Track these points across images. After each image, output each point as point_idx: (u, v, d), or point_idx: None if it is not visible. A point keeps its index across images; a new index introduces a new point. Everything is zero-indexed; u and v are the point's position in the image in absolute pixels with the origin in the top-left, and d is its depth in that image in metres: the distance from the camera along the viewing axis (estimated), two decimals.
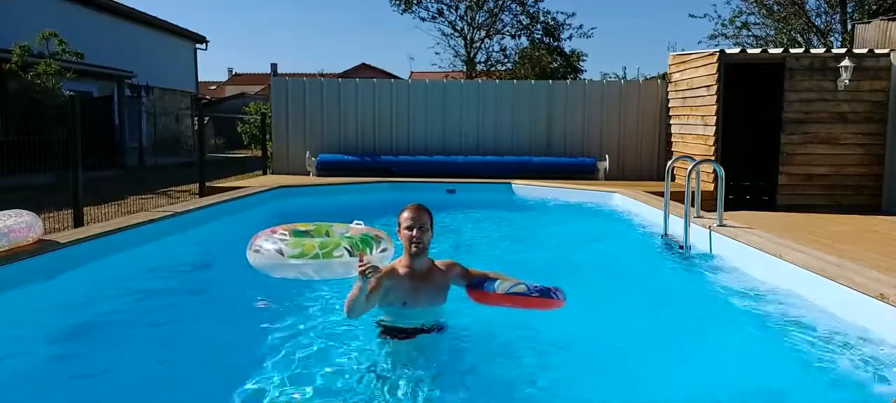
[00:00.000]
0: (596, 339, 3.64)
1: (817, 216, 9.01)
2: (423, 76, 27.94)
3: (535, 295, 3.21)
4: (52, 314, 4.00)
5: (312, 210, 8.47)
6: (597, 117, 12.19)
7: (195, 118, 21.76)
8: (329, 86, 12.44)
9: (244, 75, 44.66)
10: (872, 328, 3.52)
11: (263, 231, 4.54)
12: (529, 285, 3.23)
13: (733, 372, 3.31)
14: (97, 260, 4.91)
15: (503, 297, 3.22)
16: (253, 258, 4.36)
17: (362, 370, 3.09)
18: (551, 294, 3.23)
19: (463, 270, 3.54)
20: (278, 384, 2.98)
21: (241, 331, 3.87)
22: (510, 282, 3.24)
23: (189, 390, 3.10)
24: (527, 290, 3.19)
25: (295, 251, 4.16)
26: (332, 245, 4.20)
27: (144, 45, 21.74)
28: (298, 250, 4.17)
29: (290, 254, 4.15)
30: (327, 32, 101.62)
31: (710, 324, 4.11)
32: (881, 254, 6.15)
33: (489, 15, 25.21)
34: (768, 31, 22.77)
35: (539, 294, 3.21)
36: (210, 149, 19.62)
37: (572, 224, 8.47)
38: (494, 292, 3.23)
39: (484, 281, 3.31)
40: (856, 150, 9.68)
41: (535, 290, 3.21)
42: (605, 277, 5.24)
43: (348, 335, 3.50)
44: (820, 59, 9.66)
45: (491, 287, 3.24)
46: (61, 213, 7.82)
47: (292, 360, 3.24)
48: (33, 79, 12.60)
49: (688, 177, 6.03)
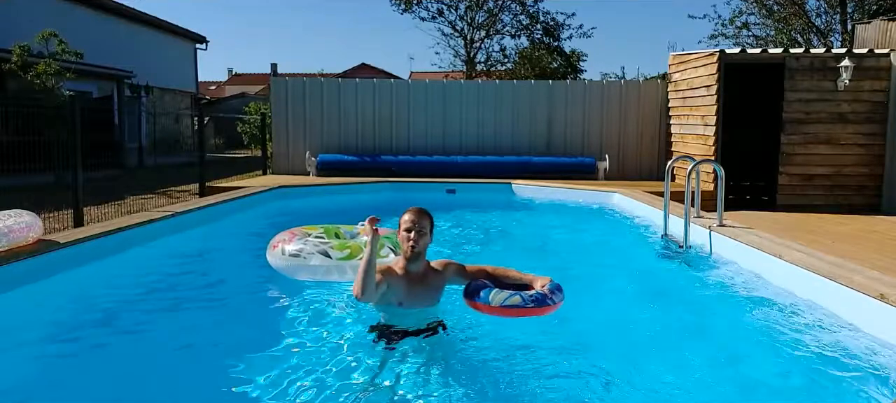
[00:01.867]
0: (595, 339, 3.64)
1: (817, 216, 9.01)
2: (423, 76, 27.96)
3: (531, 306, 3.20)
4: (52, 314, 4.00)
5: (313, 210, 8.49)
6: (597, 117, 12.19)
7: (195, 118, 21.74)
8: (329, 86, 12.45)
9: (244, 75, 44.64)
10: (872, 328, 3.52)
11: (282, 234, 4.52)
12: (525, 295, 3.21)
13: (733, 372, 3.31)
14: (97, 260, 4.91)
15: (500, 309, 3.21)
16: (288, 261, 4.30)
17: (355, 370, 3.09)
18: (547, 301, 3.22)
19: (459, 267, 3.55)
20: (273, 384, 2.97)
21: (242, 331, 3.86)
22: (505, 294, 3.23)
23: (189, 390, 3.10)
24: (522, 302, 3.18)
25: (343, 253, 4.17)
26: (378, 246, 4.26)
27: (144, 45, 21.72)
28: (346, 252, 4.18)
29: (338, 257, 4.16)
30: (327, 32, 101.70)
31: (710, 324, 4.11)
32: (881, 254, 6.15)
33: (489, 15, 25.21)
34: (768, 31, 22.77)
35: (535, 303, 3.20)
36: (210, 149, 19.60)
37: (572, 224, 8.47)
38: (489, 304, 3.22)
39: (481, 289, 3.29)
40: (856, 151, 9.68)
41: (531, 300, 3.20)
42: (605, 277, 5.24)
43: (341, 335, 3.51)
44: (820, 59, 9.67)
45: (486, 298, 3.23)
46: (61, 213, 7.81)
47: (287, 361, 3.24)
48: (33, 79, 12.59)
49: (688, 177, 6.03)
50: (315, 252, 4.24)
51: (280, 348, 3.42)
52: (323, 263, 4.23)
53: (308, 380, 3.01)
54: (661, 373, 3.26)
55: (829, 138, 9.68)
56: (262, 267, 4.81)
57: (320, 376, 3.05)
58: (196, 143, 11.39)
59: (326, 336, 3.55)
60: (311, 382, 2.99)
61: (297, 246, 4.33)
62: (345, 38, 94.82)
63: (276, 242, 4.50)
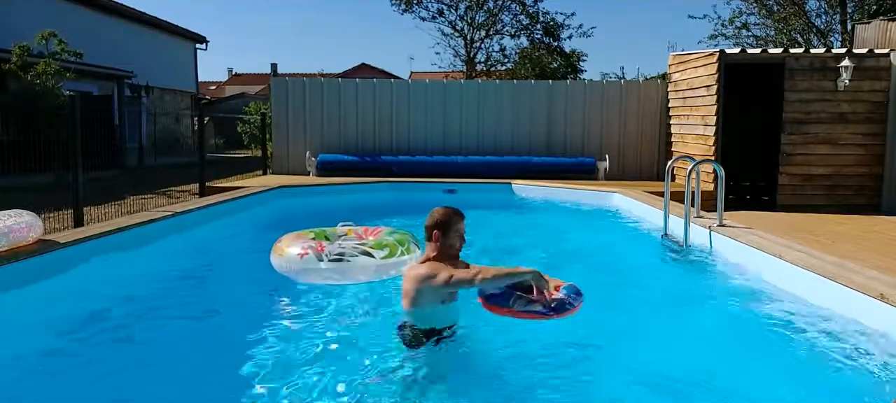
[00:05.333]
0: (595, 339, 3.64)
1: (817, 216, 9.01)
2: (423, 76, 27.98)
3: (552, 313, 3.21)
4: (52, 314, 4.00)
5: (313, 210, 8.49)
6: (597, 117, 12.19)
7: (195, 118, 21.75)
8: (329, 86, 12.44)
9: (244, 75, 44.62)
10: (872, 328, 3.52)
11: (288, 236, 4.47)
12: (546, 302, 3.22)
13: (733, 372, 3.30)
14: (97, 260, 4.91)
15: (520, 313, 3.22)
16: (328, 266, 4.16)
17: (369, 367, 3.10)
18: (566, 305, 3.23)
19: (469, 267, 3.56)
20: (274, 385, 2.97)
21: (242, 331, 3.85)
22: (525, 299, 3.23)
23: (189, 390, 3.10)
24: (544, 309, 3.19)
25: (384, 252, 4.20)
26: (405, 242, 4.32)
27: (144, 45, 21.72)
28: (386, 251, 4.20)
29: (381, 256, 4.17)
30: (327, 32, 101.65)
31: (710, 324, 4.11)
32: (881, 254, 6.15)
33: (489, 15, 25.20)
34: (768, 32, 22.78)
35: (556, 310, 3.22)
36: (210, 149, 19.58)
37: (572, 224, 8.47)
38: (510, 307, 3.23)
39: (505, 297, 3.29)
40: (856, 151, 9.68)
41: (552, 307, 3.22)
42: (605, 277, 5.23)
43: (353, 333, 3.51)
44: (820, 58, 9.66)
45: (507, 302, 3.24)
46: (61, 213, 7.81)
47: (289, 361, 3.24)
48: (33, 79, 12.59)
49: (688, 177, 6.03)
50: (358, 254, 4.21)
51: (281, 348, 3.41)
52: (369, 264, 4.23)
53: (312, 380, 3.00)
54: (661, 373, 3.26)
55: (829, 138, 9.68)
56: (262, 266, 4.81)
57: (326, 376, 3.05)
58: (196, 143, 11.37)
59: (336, 334, 3.56)
60: (319, 381, 2.99)
61: (339, 249, 4.23)
62: (345, 38, 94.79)
63: (302, 250, 4.23)
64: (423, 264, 3.47)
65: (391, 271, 4.21)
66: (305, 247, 4.21)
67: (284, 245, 4.33)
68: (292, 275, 4.28)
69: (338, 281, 4.25)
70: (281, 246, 4.35)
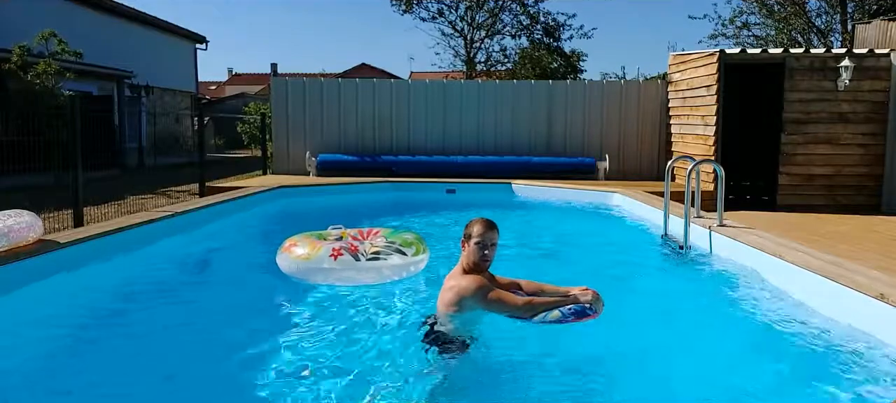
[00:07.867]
0: (594, 339, 3.63)
1: (817, 216, 9.01)
2: (423, 76, 27.93)
3: (571, 319, 3.25)
4: (52, 314, 4.00)
5: (313, 210, 8.50)
6: (597, 117, 12.19)
7: (195, 118, 21.74)
8: (329, 87, 12.44)
9: (244, 75, 44.64)
10: (872, 328, 3.51)
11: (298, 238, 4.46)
12: (564, 310, 3.24)
13: (733, 372, 3.30)
14: (97, 260, 4.91)
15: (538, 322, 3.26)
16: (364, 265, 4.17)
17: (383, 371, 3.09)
18: (587, 312, 3.26)
19: (494, 279, 3.59)
20: (276, 384, 2.97)
21: (243, 331, 3.85)
22: (542, 314, 3.25)
23: (189, 390, 3.10)
24: (561, 317, 3.23)
25: (412, 249, 4.23)
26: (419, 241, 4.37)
27: (144, 45, 21.71)
28: (413, 248, 4.21)
29: (411, 253, 4.21)
30: (327, 32, 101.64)
31: (710, 324, 4.11)
32: (881, 254, 6.15)
33: (489, 15, 25.21)
34: (768, 31, 22.79)
35: (574, 317, 3.25)
36: (210, 149, 19.61)
37: (572, 224, 8.47)
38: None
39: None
40: (856, 151, 9.68)
41: (571, 314, 3.25)
42: (605, 277, 5.22)
43: (356, 336, 3.50)
44: (820, 59, 9.66)
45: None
46: (61, 213, 7.81)
47: (292, 361, 3.24)
48: (33, 79, 12.59)
49: (688, 177, 6.03)
50: (392, 251, 4.22)
51: (282, 348, 3.41)
52: (403, 262, 4.24)
53: (314, 380, 3.00)
54: (661, 373, 3.26)
55: (830, 138, 9.68)
56: (263, 266, 4.82)
57: (329, 376, 3.05)
58: (196, 143, 11.36)
59: (336, 335, 3.56)
60: (321, 382, 2.99)
61: (374, 248, 4.22)
62: (345, 38, 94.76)
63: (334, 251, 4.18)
64: (473, 277, 3.38)
65: (414, 267, 4.25)
66: (339, 248, 4.19)
67: (301, 247, 4.30)
68: (303, 276, 4.29)
69: (356, 281, 4.27)
70: (295, 248, 4.33)
